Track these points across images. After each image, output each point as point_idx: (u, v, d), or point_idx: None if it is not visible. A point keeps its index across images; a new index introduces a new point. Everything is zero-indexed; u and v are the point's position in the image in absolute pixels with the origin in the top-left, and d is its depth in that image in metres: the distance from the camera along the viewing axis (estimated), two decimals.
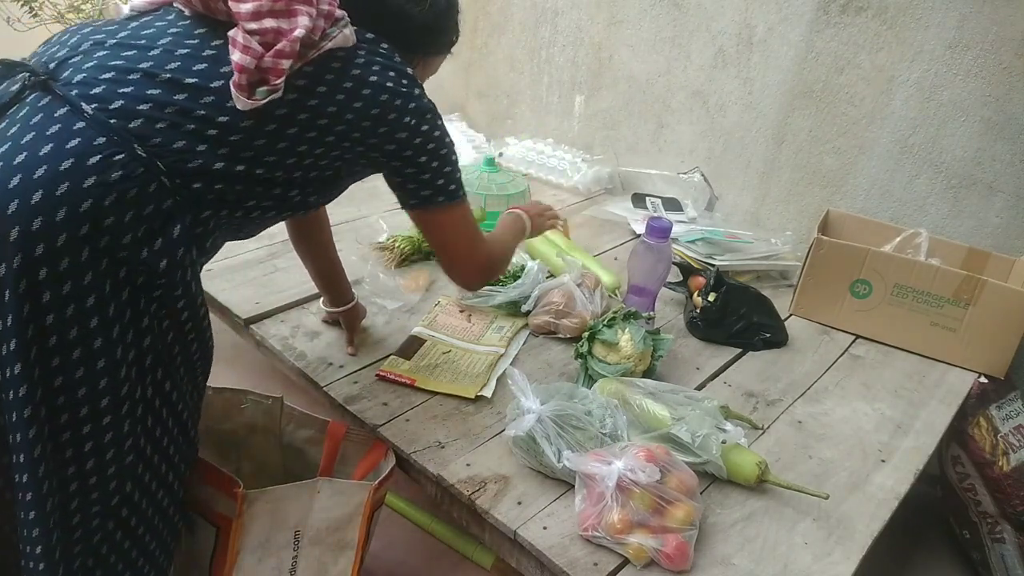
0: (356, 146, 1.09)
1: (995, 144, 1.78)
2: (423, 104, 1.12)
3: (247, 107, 0.95)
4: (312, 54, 1.00)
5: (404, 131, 1.10)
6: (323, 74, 1.03)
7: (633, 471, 1.07)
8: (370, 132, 1.07)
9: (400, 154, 1.12)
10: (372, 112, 1.06)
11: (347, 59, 1.05)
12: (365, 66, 1.06)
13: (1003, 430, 1.63)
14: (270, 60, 0.94)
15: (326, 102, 1.03)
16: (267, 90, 0.95)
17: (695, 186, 2.27)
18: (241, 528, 1.13)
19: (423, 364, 1.47)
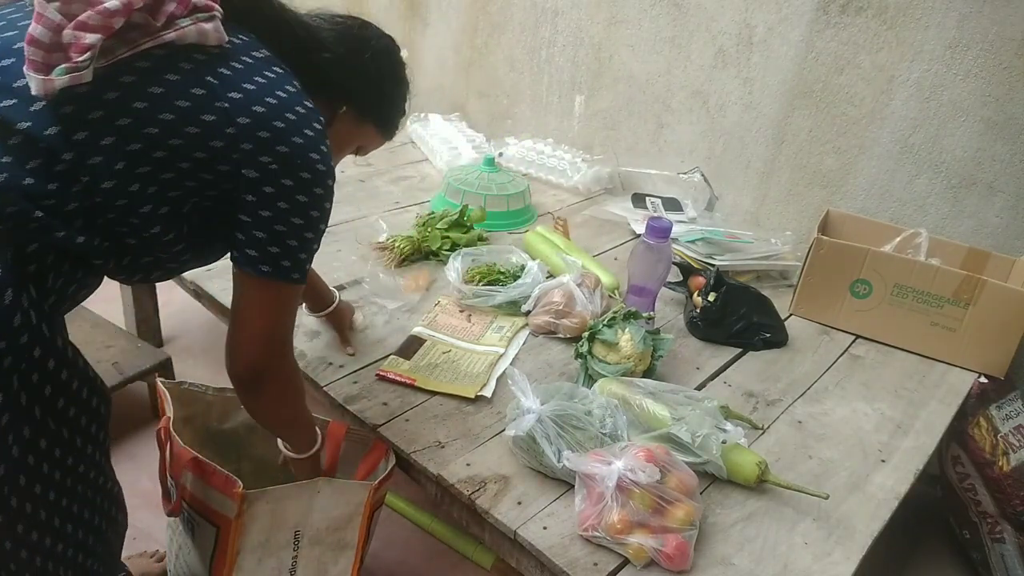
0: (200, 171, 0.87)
1: (995, 144, 1.78)
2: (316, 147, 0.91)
3: (41, 90, 0.77)
4: (146, 42, 0.82)
5: (276, 163, 0.88)
6: (163, 72, 0.84)
7: (633, 471, 1.07)
8: (222, 154, 0.87)
9: (259, 187, 0.89)
10: (227, 130, 0.86)
11: (206, 63, 0.86)
12: (233, 78, 0.87)
13: (1003, 430, 1.63)
14: (70, 33, 0.77)
15: (160, 106, 0.84)
16: (66, 68, 0.77)
17: (695, 186, 2.27)
18: (241, 528, 1.13)
19: (423, 364, 1.47)
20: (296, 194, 0.91)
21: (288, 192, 0.90)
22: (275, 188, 0.90)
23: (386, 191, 2.30)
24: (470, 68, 2.90)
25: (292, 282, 0.96)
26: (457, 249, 1.83)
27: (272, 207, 0.91)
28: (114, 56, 0.81)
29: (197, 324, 2.38)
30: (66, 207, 0.83)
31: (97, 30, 0.78)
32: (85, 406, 0.94)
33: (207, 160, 0.87)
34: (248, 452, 1.43)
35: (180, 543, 1.30)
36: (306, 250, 0.96)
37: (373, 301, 1.67)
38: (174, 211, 0.90)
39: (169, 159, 0.86)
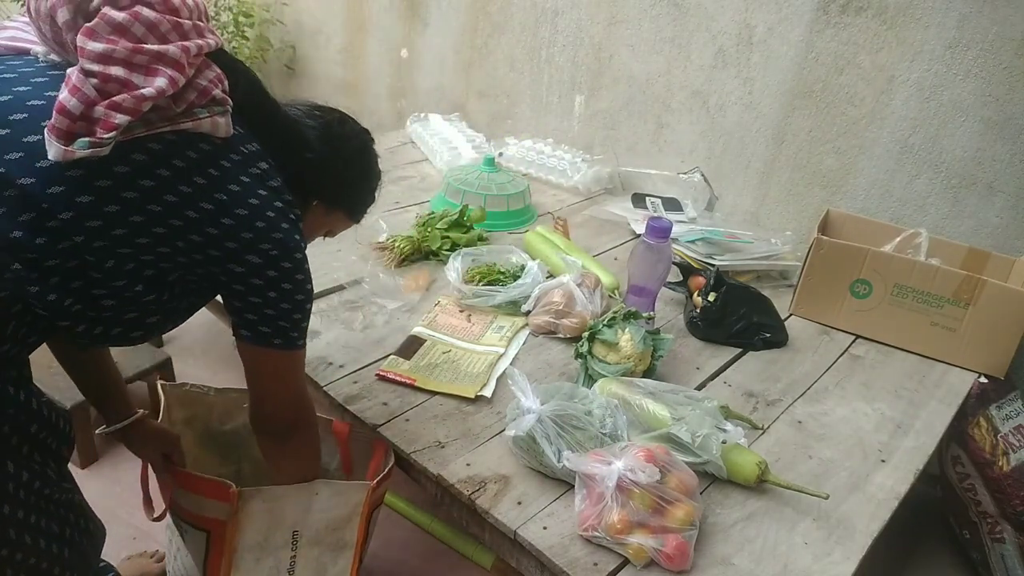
0: (193, 252, 0.92)
1: (995, 144, 1.78)
2: (291, 239, 0.97)
3: (59, 157, 0.79)
4: (164, 127, 0.86)
5: (258, 257, 0.94)
6: (171, 157, 0.88)
7: (633, 471, 1.07)
8: (214, 241, 0.91)
9: (246, 280, 0.96)
10: (223, 221, 0.91)
11: (211, 154, 0.91)
12: (230, 171, 0.92)
13: (1003, 430, 1.63)
14: (101, 110, 0.79)
15: (166, 189, 0.87)
16: (89, 142, 0.79)
17: (695, 186, 2.27)
18: (237, 527, 1.13)
19: (423, 364, 1.47)
20: (294, 273, 0.98)
21: (287, 272, 0.97)
22: (276, 271, 0.96)
23: (386, 191, 2.26)
24: (470, 68, 2.90)
25: (298, 348, 1.05)
26: (457, 249, 1.83)
27: (276, 287, 0.97)
28: (131, 134, 0.83)
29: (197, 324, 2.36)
30: (46, 262, 0.84)
31: (128, 112, 0.80)
32: (37, 441, 0.97)
33: (201, 243, 0.92)
34: (249, 453, 1.43)
35: (178, 544, 1.30)
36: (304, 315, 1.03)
37: (373, 301, 1.67)
38: (159, 276, 0.94)
39: (167, 236, 0.90)
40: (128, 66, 0.81)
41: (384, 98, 3.25)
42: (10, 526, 0.92)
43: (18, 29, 0.95)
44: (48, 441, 0.99)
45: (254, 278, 0.96)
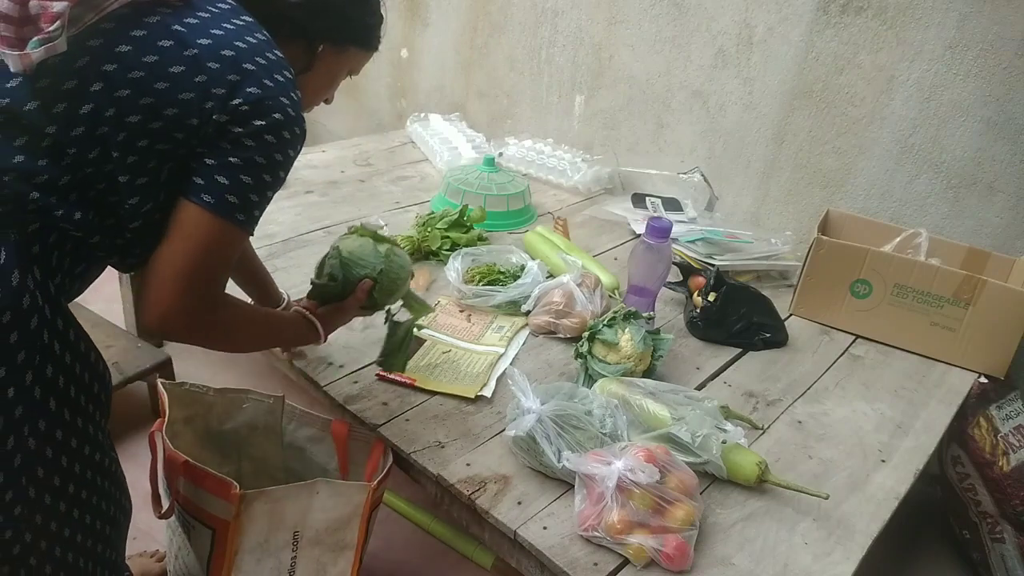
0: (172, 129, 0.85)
1: (995, 144, 1.78)
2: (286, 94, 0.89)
3: (19, 66, 0.77)
4: (111, 4, 0.81)
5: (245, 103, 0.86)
6: (130, 28, 0.83)
7: (633, 471, 1.07)
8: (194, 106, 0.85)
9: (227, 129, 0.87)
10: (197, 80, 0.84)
11: (173, 14, 0.86)
12: (199, 26, 0.86)
13: (1003, 430, 1.63)
14: (36, 4, 0.77)
15: (129, 65, 0.83)
16: (40, 40, 0.76)
17: (695, 186, 2.27)
18: (239, 528, 1.13)
19: (423, 364, 1.47)
20: (264, 133, 0.88)
21: (256, 131, 0.88)
22: (243, 128, 0.87)
23: (386, 191, 2.30)
24: (470, 68, 2.90)
25: (235, 223, 0.90)
26: (457, 249, 1.83)
27: (235, 143, 0.88)
28: (83, 23, 0.80)
29: None
30: (59, 182, 0.83)
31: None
32: (88, 391, 0.93)
33: (178, 116, 0.85)
34: (249, 452, 1.43)
35: (179, 544, 1.30)
36: (259, 193, 0.91)
37: None
38: (152, 181, 0.88)
39: (141, 122, 0.84)
40: None
41: (384, 98, 3.25)
42: (62, 499, 0.91)
43: None
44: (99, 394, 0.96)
45: (237, 126, 0.87)
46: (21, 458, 0.85)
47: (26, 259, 0.83)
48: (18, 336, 0.82)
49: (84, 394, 0.92)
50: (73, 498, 0.93)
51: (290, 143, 0.92)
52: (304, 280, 1.68)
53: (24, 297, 0.82)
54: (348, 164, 2.47)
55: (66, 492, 0.92)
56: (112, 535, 1.02)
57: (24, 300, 0.82)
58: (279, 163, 0.92)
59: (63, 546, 0.94)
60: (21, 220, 0.83)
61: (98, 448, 0.96)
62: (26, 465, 0.86)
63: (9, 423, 0.83)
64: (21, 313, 0.82)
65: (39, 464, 0.87)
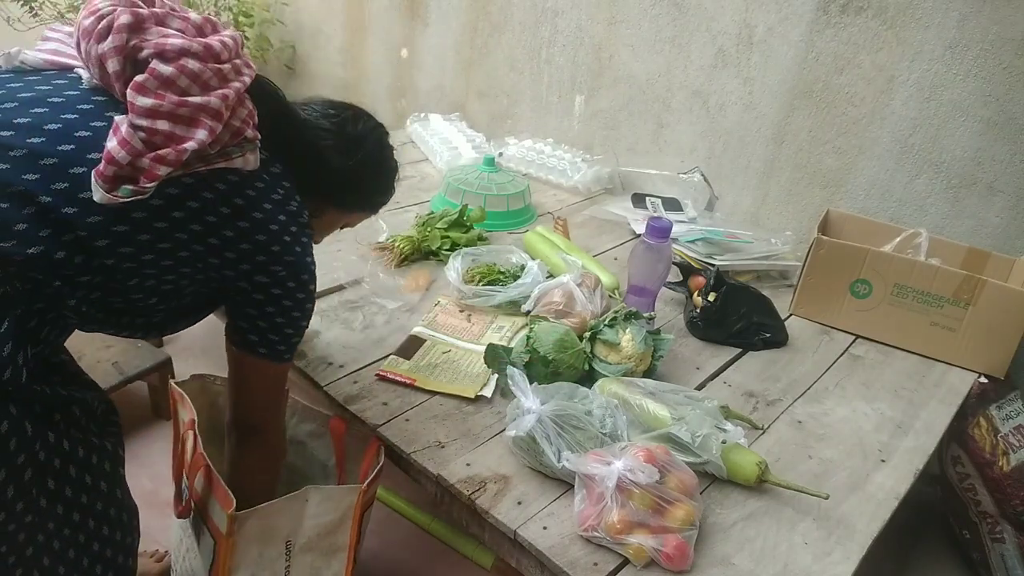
0: (209, 271, 1.00)
1: (995, 144, 1.78)
2: (302, 261, 1.05)
3: (103, 201, 0.85)
4: (199, 166, 0.91)
5: (267, 278, 1.02)
6: (201, 191, 0.94)
7: (632, 471, 1.07)
8: (230, 264, 1.00)
9: (251, 295, 1.04)
10: (241, 246, 0.99)
11: (237, 184, 0.97)
12: (256, 199, 0.99)
13: (1003, 430, 1.63)
14: (147, 161, 0.85)
15: (193, 219, 0.95)
16: (132, 191, 0.85)
17: (695, 186, 2.27)
18: (233, 547, 1.13)
19: (423, 364, 1.47)
20: (297, 292, 1.05)
21: (291, 291, 1.04)
22: (281, 290, 1.03)
23: None
24: (470, 68, 2.90)
25: (283, 361, 1.11)
26: (457, 249, 1.83)
27: (276, 304, 1.04)
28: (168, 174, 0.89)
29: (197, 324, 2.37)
30: (80, 278, 0.91)
31: (171, 164, 0.86)
32: (93, 446, 1.04)
33: (218, 266, 1.00)
34: None
35: (188, 545, 1.29)
36: (296, 331, 1.10)
37: (373, 301, 1.67)
38: (176, 290, 1.01)
39: (189, 259, 0.97)
40: (173, 119, 0.86)
41: (384, 98, 3.25)
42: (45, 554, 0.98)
43: (60, 42, 1.00)
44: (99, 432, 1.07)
45: (257, 293, 1.03)
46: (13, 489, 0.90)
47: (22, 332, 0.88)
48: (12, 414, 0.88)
49: (85, 447, 1.02)
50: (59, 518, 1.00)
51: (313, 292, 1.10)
52: None
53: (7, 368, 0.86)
54: None
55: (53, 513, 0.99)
56: (116, 555, 1.10)
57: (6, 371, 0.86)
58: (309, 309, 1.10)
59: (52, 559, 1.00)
60: (34, 301, 0.89)
61: (100, 498, 1.05)
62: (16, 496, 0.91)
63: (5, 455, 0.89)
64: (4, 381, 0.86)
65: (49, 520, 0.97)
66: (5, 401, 0.87)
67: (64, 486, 0.98)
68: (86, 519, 1.03)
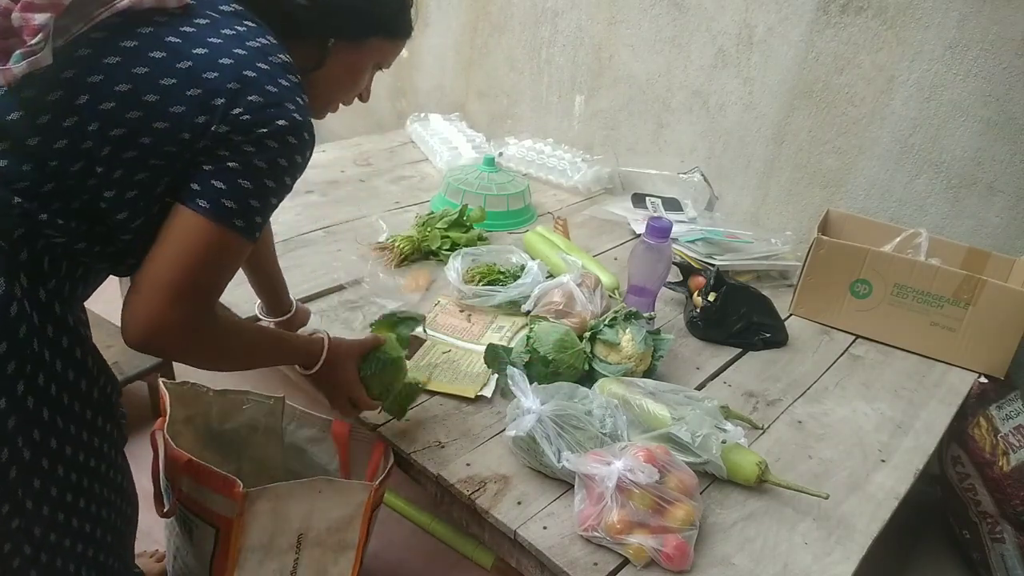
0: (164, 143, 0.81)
1: (995, 144, 1.78)
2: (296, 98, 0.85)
3: (4, 80, 0.74)
4: (101, 14, 0.78)
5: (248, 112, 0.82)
6: (120, 39, 0.80)
7: (632, 471, 1.07)
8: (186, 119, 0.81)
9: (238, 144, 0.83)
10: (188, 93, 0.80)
11: (168, 24, 0.81)
12: (196, 35, 0.82)
13: (1003, 430, 1.63)
14: (18, 16, 0.74)
15: (116, 77, 0.79)
16: (22, 53, 0.73)
17: (695, 186, 2.27)
18: (243, 527, 1.13)
19: (423, 364, 1.47)
20: (265, 139, 0.84)
21: (257, 138, 0.83)
22: (244, 136, 0.83)
23: (386, 191, 2.30)
24: (470, 68, 2.90)
25: (232, 229, 0.84)
26: (457, 249, 1.83)
27: (235, 149, 0.83)
28: (70, 34, 0.77)
29: None
30: (41, 189, 0.80)
31: (45, 8, 0.74)
32: (85, 398, 0.92)
33: (169, 131, 0.81)
34: (249, 452, 1.43)
35: (178, 544, 1.30)
36: (259, 198, 0.86)
37: (373, 301, 1.67)
38: (143, 194, 0.84)
39: (128, 136, 0.80)
40: None
41: (384, 98, 3.25)
42: (59, 509, 0.90)
43: None
44: (99, 399, 0.95)
45: (238, 134, 0.82)
46: (16, 470, 0.84)
47: (13, 266, 0.81)
48: (7, 347, 0.80)
49: (78, 401, 0.91)
50: (71, 507, 0.92)
51: (296, 148, 0.87)
52: (304, 280, 1.68)
53: (11, 305, 0.80)
54: (348, 164, 2.47)
55: (64, 502, 0.91)
56: (114, 542, 1.02)
57: (11, 308, 0.80)
58: (283, 168, 0.87)
59: (64, 557, 0.93)
60: (6, 226, 0.81)
61: (94, 454, 0.94)
62: (22, 477, 0.85)
63: (3, 435, 0.82)
64: (8, 322, 0.80)
65: (35, 475, 0.86)
66: None
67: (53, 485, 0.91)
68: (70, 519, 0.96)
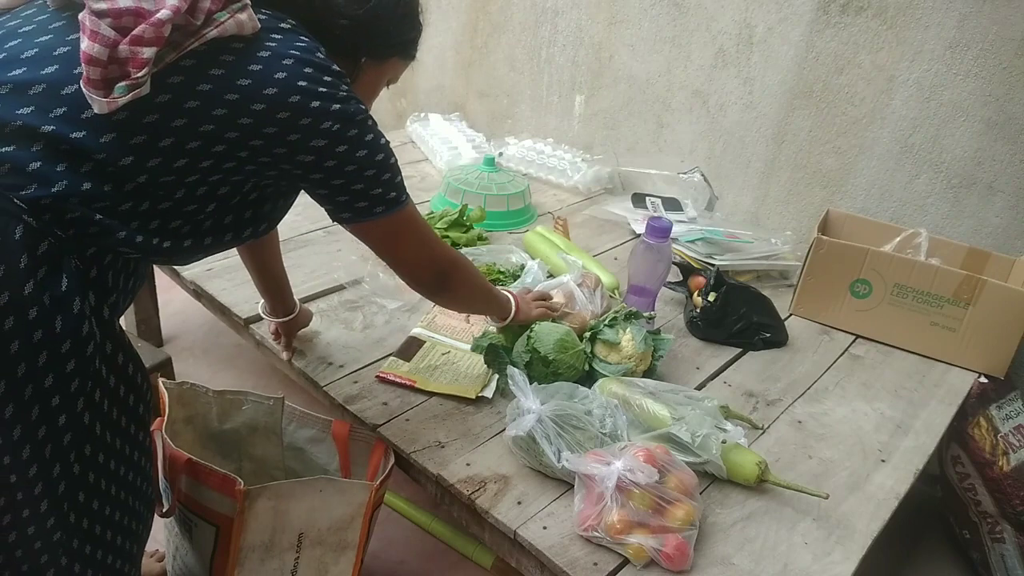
0: (259, 157, 0.91)
1: (995, 144, 1.78)
2: (349, 107, 0.94)
3: (104, 110, 0.78)
4: (192, 43, 0.83)
5: (323, 139, 0.92)
6: (208, 68, 0.86)
7: (632, 471, 1.07)
8: (276, 140, 0.90)
9: (320, 165, 0.94)
10: (278, 116, 0.89)
11: (246, 51, 0.88)
12: (271, 59, 0.89)
13: (1003, 430, 1.63)
14: (126, 48, 0.78)
15: (211, 103, 0.86)
16: (127, 86, 0.78)
17: (695, 186, 2.27)
18: (243, 525, 1.13)
19: (423, 365, 1.47)
20: (356, 152, 0.96)
21: (347, 155, 0.95)
22: (335, 160, 0.95)
23: None
24: (470, 68, 2.90)
25: (405, 204, 1.05)
26: (457, 248, 1.83)
27: (343, 174, 0.96)
28: (163, 62, 0.82)
29: (197, 324, 2.38)
30: (120, 207, 0.85)
31: (152, 43, 0.79)
32: (132, 413, 0.97)
33: (263, 148, 0.90)
34: (248, 452, 1.43)
35: (177, 544, 1.30)
36: (393, 172, 1.02)
37: (373, 301, 1.67)
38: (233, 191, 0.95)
39: (229, 150, 0.89)
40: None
41: (384, 98, 3.25)
42: (93, 521, 0.92)
43: None
44: (143, 414, 0.99)
45: (327, 160, 0.94)
46: (65, 485, 0.86)
47: (84, 284, 0.84)
48: (75, 365, 0.83)
49: (126, 416, 0.95)
50: (103, 518, 0.94)
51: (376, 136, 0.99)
52: (304, 280, 1.68)
53: (84, 325, 0.83)
54: None
55: (101, 514, 0.93)
56: (136, 552, 1.04)
57: (83, 328, 0.83)
58: (384, 155, 1.00)
59: (93, 568, 0.95)
60: (83, 245, 0.84)
61: (131, 468, 0.98)
62: (68, 492, 0.87)
63: (58, 449, 0.84)
64: (80, 342, 0.83)
65: (80, 489, 0.89)
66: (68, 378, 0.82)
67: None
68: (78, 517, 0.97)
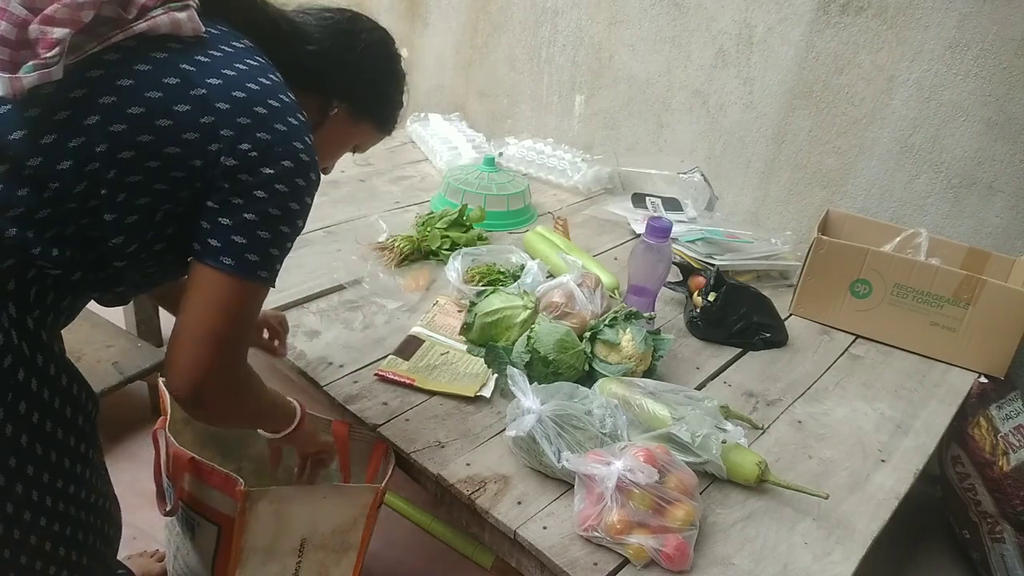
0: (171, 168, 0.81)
1: (995, 144, 1.78)
2: (294, 134, 0.84)
3: (8, 90, 0.72)
4: (116, 35, 0.77)
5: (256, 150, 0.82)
6: (134, 62, 0.79)
7: (632, 471, 1.07)
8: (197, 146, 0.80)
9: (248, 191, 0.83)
10: (202, 120, 0.80)
11: (183, 52, 0.81)
12: (211, 64, 0.82)
13: (1003, 430, 1.63)
14: (36, 28, 0.72)
15: (129, 100, 0.78)
16: (34, 65, 0.72)
17: (695, 186, 2.27)
18: (244, 526, 1.13)
19: (422, 365, 1.47)
20: (275, 183, 0.83)
21: (266, 181, 0.83)
22: (253, 177, 0.83)
23: (386, 191, 2.30)
24: (470, 68, 2.90)
25: (257, 281, 0.86)
26: (457, 249, 1.83)
27: (247, 195, 0.83)
28: (83, 52, 0.77)
29: None
30: (37, 215, 0.79)
31: (65, 24, 0.73)
32: (72, 426, 0.90)
33: (179, 156, 0.81)
34: (248, 452, 1.43)
35: (178, 544, 1.30)
36: (278, 246, 0.87)
37: (373, 301, 1.67)
38: (143, 220, 0.84)
39: (136, 159, 0.80)
40: None
41: None
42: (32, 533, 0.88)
43: None
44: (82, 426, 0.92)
45: (244, 174, 0.82)
46: (10, 505, 0.83)
47: (1, 296, 0.80)
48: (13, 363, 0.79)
49: (62, 428, 0.89)
50: (45, 531, 0.89)
51: (304, 190, 0.87)
52: (305, 279, 1.68)
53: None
54: (348, 164, 2.47)
55: (37, 526, 0.88)
56: (92, 564, 0.99)
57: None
58: (295, 212, 0.87)
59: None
60: None
61: (74, 481, 0.92)
62: (14, 511, 0.84)
63: None
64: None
65: (8, 500, 0.84)
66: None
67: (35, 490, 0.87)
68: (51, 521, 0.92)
